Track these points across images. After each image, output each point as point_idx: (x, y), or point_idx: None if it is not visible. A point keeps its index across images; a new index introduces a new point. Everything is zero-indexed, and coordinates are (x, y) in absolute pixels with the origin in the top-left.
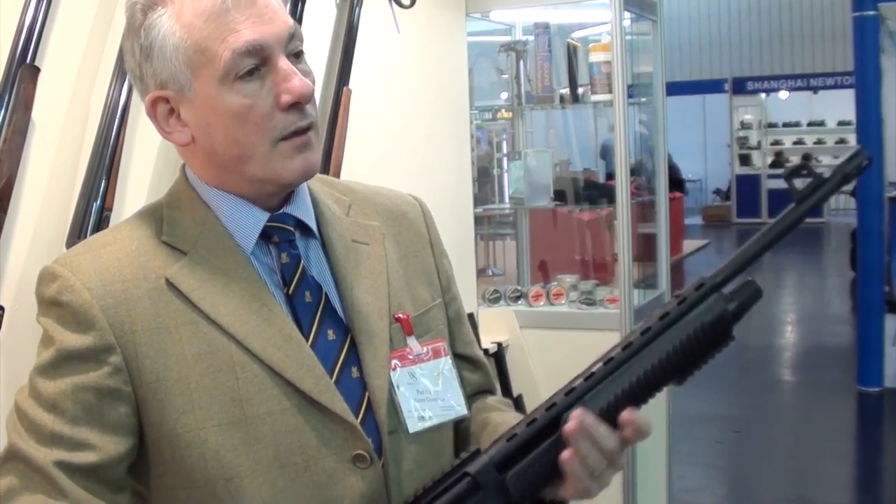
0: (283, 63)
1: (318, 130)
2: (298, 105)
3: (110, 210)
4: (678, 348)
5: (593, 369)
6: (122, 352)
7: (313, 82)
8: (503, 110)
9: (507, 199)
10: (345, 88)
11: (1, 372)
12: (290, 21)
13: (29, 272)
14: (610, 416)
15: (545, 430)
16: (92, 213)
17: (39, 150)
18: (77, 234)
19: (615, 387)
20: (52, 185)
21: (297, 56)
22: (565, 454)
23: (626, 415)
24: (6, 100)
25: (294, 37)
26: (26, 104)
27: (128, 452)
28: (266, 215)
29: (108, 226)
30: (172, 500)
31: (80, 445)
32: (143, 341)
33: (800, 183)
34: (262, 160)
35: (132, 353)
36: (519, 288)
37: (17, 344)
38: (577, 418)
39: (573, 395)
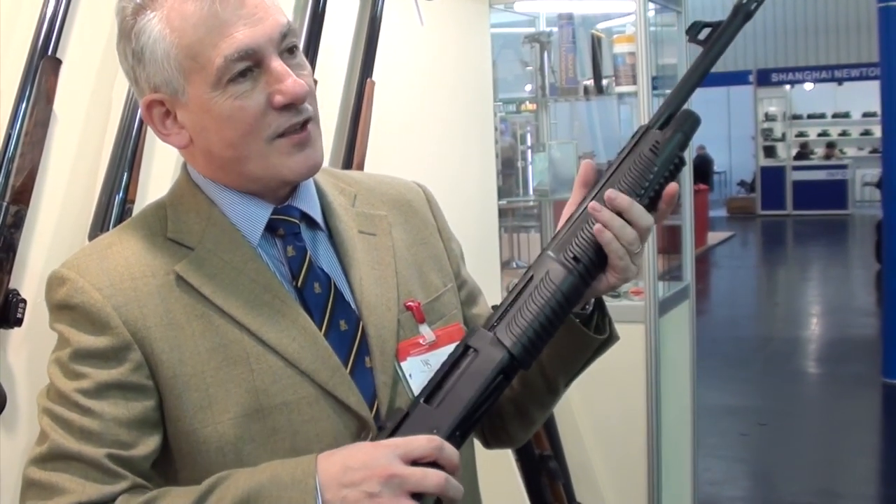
0: (276, 64)
1: (318, 123)
2: (293, 105)
3: (133, 202)
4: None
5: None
6: (139, 348)
7: (311, 75)
8: (527, 102)
9: (531, 192)
10: (368, 80)
11: (24, 363)
12: (284, 18)
13: (51, 265)
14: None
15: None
16: (114, 205)
17: (61, 142)
18: (100, 226)
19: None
20: (74, 177)
21: (290, 52)
22: (599, 229)
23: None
24: (28, 92)
25: (288, 34)
26: (48, 96)
27: (157, 448)
28: (270, 209)
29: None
30: None
31: (115, 443)
32: (157, 337)
33: None
34: (259, 158)
35: (149, 350)
36: None
37: (40, 336)
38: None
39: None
